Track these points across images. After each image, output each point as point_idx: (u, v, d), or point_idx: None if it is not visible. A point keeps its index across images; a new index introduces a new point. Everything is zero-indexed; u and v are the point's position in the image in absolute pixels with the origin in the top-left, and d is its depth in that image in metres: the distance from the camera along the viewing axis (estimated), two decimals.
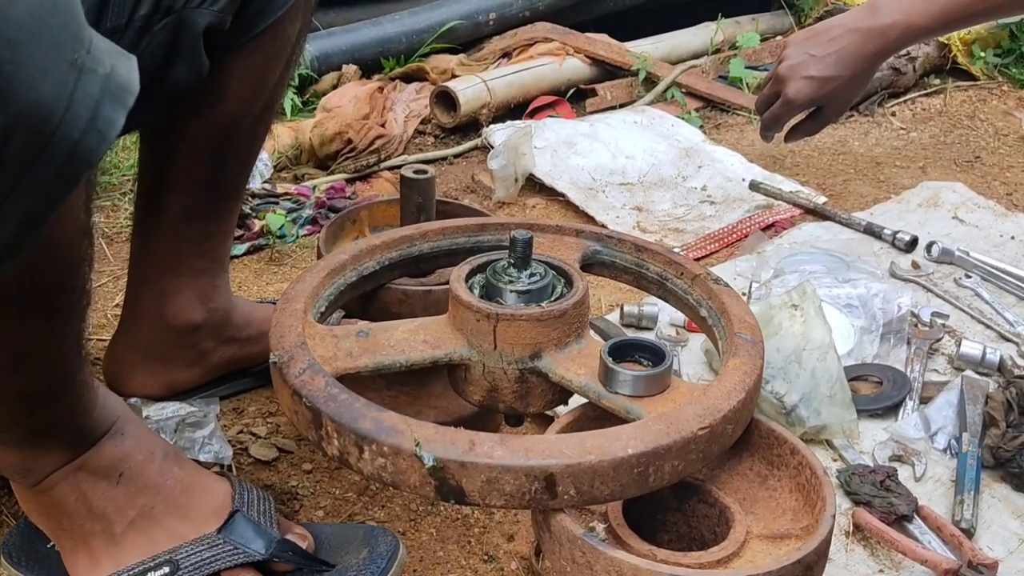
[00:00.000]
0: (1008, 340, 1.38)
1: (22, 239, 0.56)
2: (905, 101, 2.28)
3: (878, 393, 1.24)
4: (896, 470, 1.10)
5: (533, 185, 1.82)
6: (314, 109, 1.98)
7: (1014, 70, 2.42)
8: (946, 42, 2.36)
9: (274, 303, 1.26)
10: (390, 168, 1.86)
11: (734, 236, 1.66)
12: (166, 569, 0.80)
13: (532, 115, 2.11)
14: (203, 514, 0.85)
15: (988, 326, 1.41)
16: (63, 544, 0.85)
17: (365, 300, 1.03)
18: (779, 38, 2.62)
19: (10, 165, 0.52)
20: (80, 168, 0.55)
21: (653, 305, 1.38)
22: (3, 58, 0.49)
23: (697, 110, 2.20)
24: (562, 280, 0.89)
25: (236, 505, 0.86)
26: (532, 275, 0.86)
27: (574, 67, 2.23)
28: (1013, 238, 1.66)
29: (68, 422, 0.81)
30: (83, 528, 0.83)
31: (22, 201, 0.54)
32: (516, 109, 2.13)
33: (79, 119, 0.54)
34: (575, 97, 2.19)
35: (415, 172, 1.11)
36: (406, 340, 0.86)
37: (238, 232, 1.56)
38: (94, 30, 0.56)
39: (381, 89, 2.02)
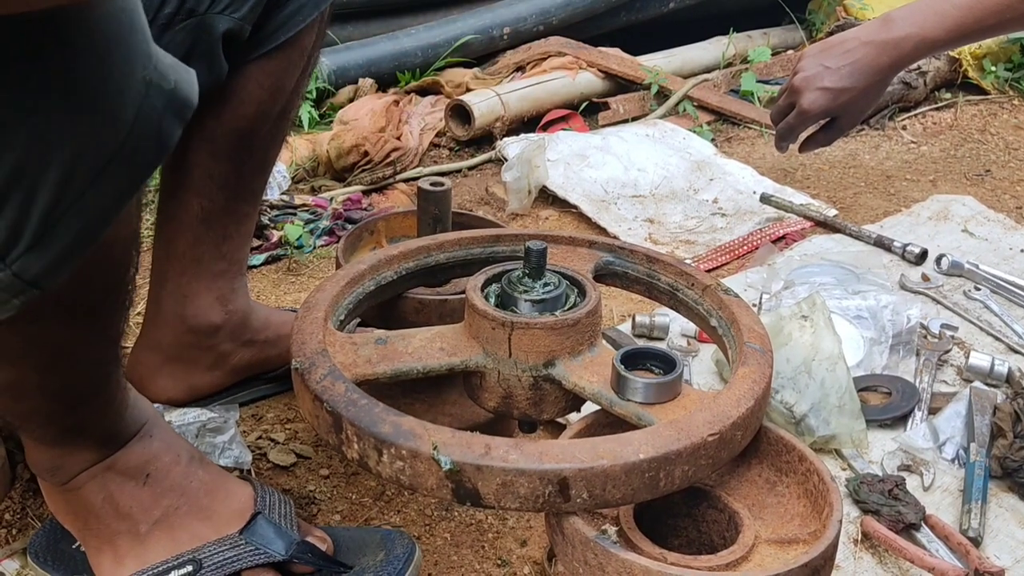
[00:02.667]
0: (1017, 352, 1.39)
1: (84, 242, 0.59)
2: (916, 115, 2.29)
3: (887, 404, 1.25)
4: (904, 479, 1.11)
5: (546, 197, 1.84)
6: (331, 122, 2.01)
7: None
8: (957, 56, 2.37)
9: (293, 311, 1.29)
10: (405, 180, 1.89)
11: (745, 248, 1.68)
12: (189, 568, 0.83)
13: (545, 128, 2.13)
14: (226, 515, 0.87)
15: (997, 338, 1.42)
16: (89, 543, 0.87)
17: (382, 309, 1.05)
18: (790, 52, 2.65)
19: (83, 171, 0.56)
20: (141, 176, 0.60)
21: (664, 316, 1.39)
22: (92, 71, 0.54)
23: (709, 123, 2.22)
24: (575, 290, 0.91)
25: (258, 507, 0.89)
26: (546, 285, 0.89)
27: (587, 81, 2.25)
28: (1022, 251, 1.67)
29: (101, 421, 0.83)
30: (109, 528, 0.85)
31: (87, 205, 0.58)
32: (530, 122, 2.16)
33: (145, 130, 0.58)
34: (588, 110, 2.22)
35: (432, 184, 1.13)
36: (423, 348, 0.89)
37: (256, 242, 1.59)
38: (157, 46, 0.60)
39: (397, 102, 2.05)
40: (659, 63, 2.37)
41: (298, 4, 0.88)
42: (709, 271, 1.60)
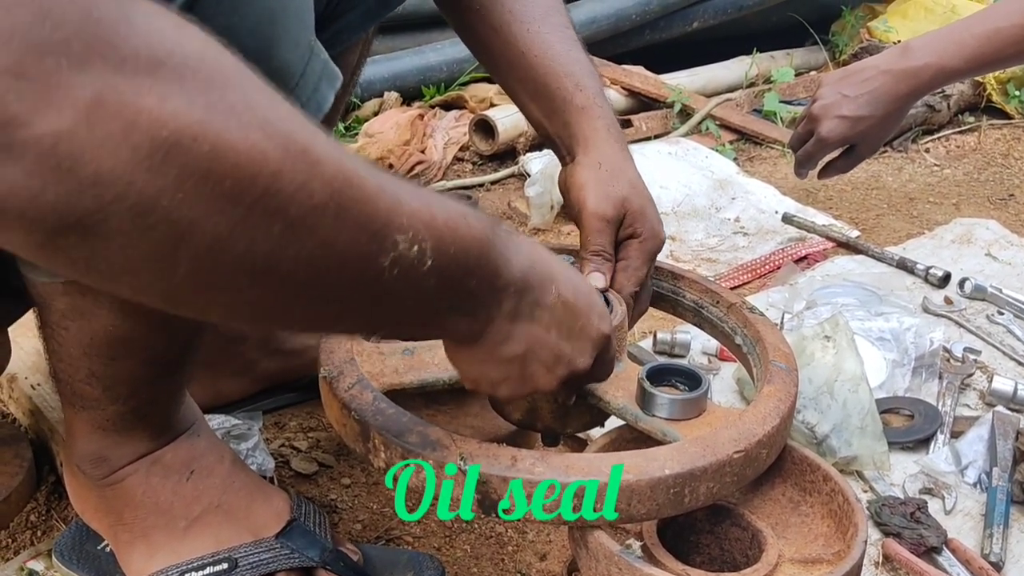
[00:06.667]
0: None
1: None
2: (939, 138, 2.29)
3: (909, 426, 1.25)
4: (926, 502, 1.11)
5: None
6: (356, 134, 2.03)
7: None
8: (981, 81, 2.37)
9: None
10: None
11: (767, 267, 1.68)
12: (224, 565, 0.84)
13: None
14: (263, 519, 0.88)
15: (1020, 363, 1.41)
16: (120, 538, 0.88)
17: None
18: (813, 73, 2.65)
19: None
20: None
21: (686, 333, 1.40)
22: (269, 25, 0.60)
23: (731, 142, 2.23)
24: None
25: (294, 515, 0.90)
26: None
27: (611, 98, 2.25)
28: None
29: (167, 405, 0.85)
30: (145, 522, 0.86)
31: None
32: None
33: (307, 88, 0.64)
34: None
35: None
36: None
37: None
38: None
39: (421, 116, 2.06)
40: (682, 82, 2.38)
41: (345, 23, 0.90)
42: (731, 289, 1.60)
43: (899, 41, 2.21)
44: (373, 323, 0.64)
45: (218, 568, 0.84)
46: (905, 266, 1.65)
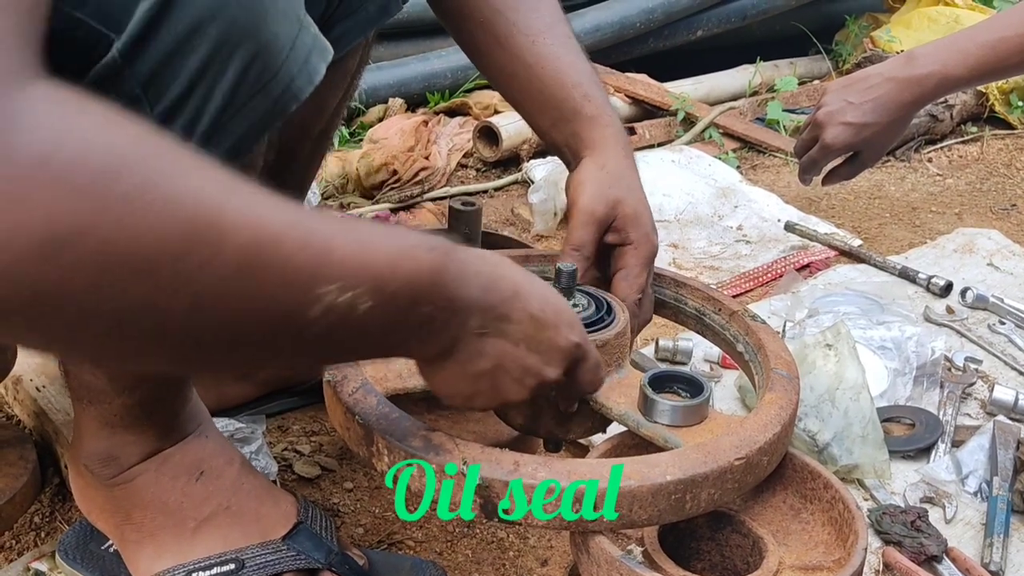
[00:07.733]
0: None
1: (234, 154, 0.64)
2: (942, 148, 2.30)
3: (910, 435, 1.25)
4: (927, 511, 1.11)
5: None
6: (361, 140, 2.04)
7: None
8: (984, 91, 2.38)
9: None
10: (433, 199, 1.91)
11: (769, 275, 1.68)
12: (232, 566, 0.84)
13: None
14: (270, 521, 0.89)
15: (1021, 372, 1.42)
16: (127, 537, 0.89)
17: None
18: (816, 82, 2.66)
19: (246, 86, 0.62)
20: (290, 102, 0.66)
21: (688, 340, 1.40)
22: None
23: (734, 151, 2.24)
24: (605, 310, 0.92)
25: (300, 518, 0.90)
26: (575, 306, 0.90)
27: (614, 106, 2.27)
28: None
29: (173, 401, 0.86)
30: (154, 522, 0.87)
31: (242, 121, 0.62)
32: None
33: (297, 61, 0.65)
34: None
35: (463, 204, 1.15)
36: None
37: None
38: None
39: (426, 123, 2.07)
40: (686, 90, 2.39)
41: (345, 27, 0.91)
42: (733, 297, 1.60)
43: (902, 51, 2.22)
44: (322, 361, 0.66)
45: (225, 568, 0.84)
46: (907, 275, 1.65)
